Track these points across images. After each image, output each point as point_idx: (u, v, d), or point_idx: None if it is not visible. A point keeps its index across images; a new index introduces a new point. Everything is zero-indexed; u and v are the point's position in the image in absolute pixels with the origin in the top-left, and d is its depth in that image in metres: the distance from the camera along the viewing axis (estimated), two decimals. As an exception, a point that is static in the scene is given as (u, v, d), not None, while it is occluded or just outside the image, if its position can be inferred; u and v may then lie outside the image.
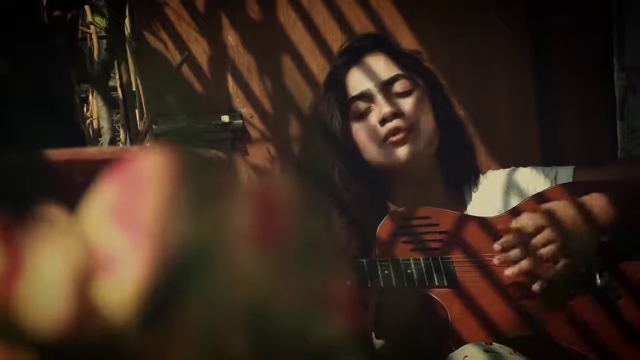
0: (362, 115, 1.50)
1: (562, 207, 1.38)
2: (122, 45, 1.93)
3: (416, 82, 1.52)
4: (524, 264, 1.35)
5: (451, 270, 1.38)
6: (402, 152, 1.47)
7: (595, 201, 1.38)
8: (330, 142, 1.51)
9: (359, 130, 1.50)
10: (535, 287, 1.36)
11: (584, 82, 2.03)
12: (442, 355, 1.30)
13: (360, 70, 1.52)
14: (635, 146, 1.97)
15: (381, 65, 1.52)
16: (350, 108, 1.51)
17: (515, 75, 2.01)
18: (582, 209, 1.37)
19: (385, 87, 1.50)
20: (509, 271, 1.36)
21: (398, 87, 1.50)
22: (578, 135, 2.03)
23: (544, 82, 2.03)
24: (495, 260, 1.37)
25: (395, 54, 1.55)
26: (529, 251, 1.35)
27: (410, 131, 1.47)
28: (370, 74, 1.52)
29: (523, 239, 1.36)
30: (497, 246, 1.37)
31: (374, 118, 1.48)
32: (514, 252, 1.36)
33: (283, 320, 0.30)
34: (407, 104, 1.49)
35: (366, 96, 1.50)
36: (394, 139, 1.46)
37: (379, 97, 1.49)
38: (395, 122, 1.46)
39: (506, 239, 1.37)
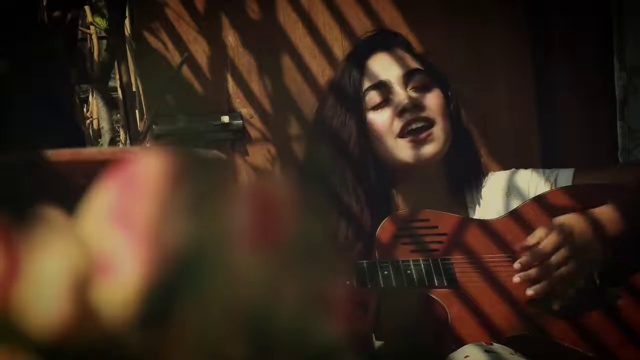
0: (378, 107, 1.47)
1: (576, 222, 1.37)
2: (122, 46, 1.93)
3: (434, 80, 1.51)
4: (544, 284, 1.35)
5: (451, 271, 1.38)
6: (425, 150, 1.45)
7: (606, 214, 1.38)
8: (338, 139, 1.48)
9: (374, 121, 1.47)
10: (555, 307, 1.36)
11: (584, 82, 2.03)
12: (442, 355, 1.30)
13: (378, 61, 1.50)
14: (636, 146, 1.97)
15: (400, 58, 1.50)
16: (365, 99, 1.48)
17: (515, 75, 2.01)
18: (595, 224, 1.36)
19: (405, 79, 1.48)
20: (530, 291, 1.36)
21: (417, 81, 1.48)
22: (578, 135, 2.03)
23: (544, 82, 2.03)
24: (516, 279, 1.36)
25: (412, 51, 1.55)
26: (547, 269, 1.35)
27: (430, 127, 1.46)
28: (390, 64, 1.49)
29: (540, 256, 1.35)
30: (517, 265, 1.36)
31: (391, 109, 1.47)
32: (534, 273, 1.35)
33: (282, 321, 0.30)
34: (427, 98, 1.47)
35: (384, 86, 1.47)
36: (415, 136, 1.45)
37: (398, 88, 1.47)
38: (415, 114, 1.45)
39: (525, 258, 1.36)
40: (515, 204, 1.50)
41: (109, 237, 0.28)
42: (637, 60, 1.95)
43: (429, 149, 1.45)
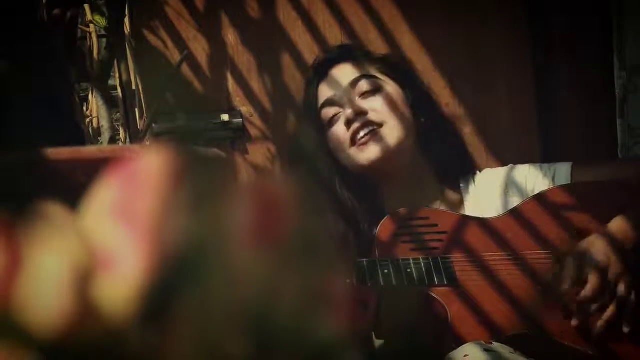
0: (332, 122, 1.52)
1: (602, 246, 1.35)
2: (122, 44, 1.93)
3: (381, 80, 1.54)
4: (610, 313, 1.34)
5: (451, 269, 1.38)
6: (372, 151, 1.48)
7: (620, 228, 1.36)
8: (318, 151, 1.55)
9: (331, 136, 1.53)
10: (626, 329, 1.35)
11: (584, 82, 2.02)
12: (442, 354, 1.30)
13: (327, 80, 1.56)
14: (635, 143, 1.97)
15: (345, 72, 1.55)
16: (321, 117, 1.54)
17: (515, 75, 2.01)
18: (615, 242, 1.35)
19: (349, 90, 1.53)
20: (601, 324, 1.34)
21: (362, 87, 1.53)
22: (578, 135, 2.03)
23: (544, 82, 2.02)
24: (601, 325, 1.35)
25: (361, 59, 1.58)
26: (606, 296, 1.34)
27: (377, 129, 1.48)
28: (334, 81, 1.55)
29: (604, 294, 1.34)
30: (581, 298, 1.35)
31: (341, 122, 1.50)
32: (598, 304, 1.35)
33: (282, 319, 0.30)
34: (373, 102, 1.51)
35: (332, 102, 1.53)
36: (361, 140, 1.48)
37: (344, 101, 1.52)
38: (360, 122, 1.48)
39: (588, 293, 1.34)
40: (513, 200, 1.50)
41: (111, 234, 0.28)
42: (637, 59, 1.95)
43: (377, 149, 1.47)
